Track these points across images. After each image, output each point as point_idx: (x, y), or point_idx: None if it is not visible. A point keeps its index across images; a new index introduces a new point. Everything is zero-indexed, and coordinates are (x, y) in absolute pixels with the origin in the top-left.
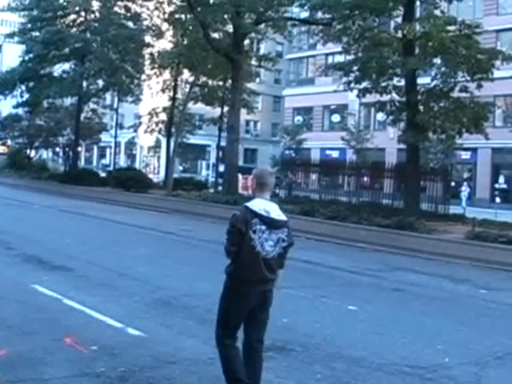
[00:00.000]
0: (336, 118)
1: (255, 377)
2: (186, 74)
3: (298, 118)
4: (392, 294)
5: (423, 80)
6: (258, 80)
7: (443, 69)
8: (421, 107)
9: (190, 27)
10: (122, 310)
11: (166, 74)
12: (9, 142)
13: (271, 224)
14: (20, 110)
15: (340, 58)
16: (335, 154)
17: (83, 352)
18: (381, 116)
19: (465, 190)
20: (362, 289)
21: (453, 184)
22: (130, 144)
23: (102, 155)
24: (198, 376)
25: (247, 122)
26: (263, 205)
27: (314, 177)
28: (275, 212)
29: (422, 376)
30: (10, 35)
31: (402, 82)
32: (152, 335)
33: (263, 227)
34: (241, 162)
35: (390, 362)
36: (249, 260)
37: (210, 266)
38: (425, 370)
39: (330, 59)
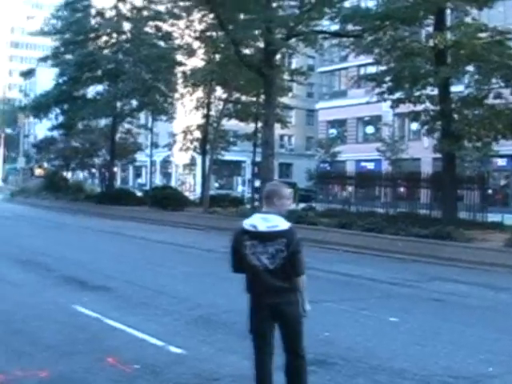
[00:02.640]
0: (370, 129)
1: None
2: (219, 91)
3: (332, 131)
4: (432, 305)
5: (457, 88)
6: (290, 94)
7: (476, 76)
8: (455, 116)
9: (222, 44)
10: (162, 328)
11: (199, 92)
12: (45, 164)
13: (262, 238)
14: (55, 133)
15: (372, 69)
16: (370, 166)
17: (125, 371)
18: (415, 126)
19: None
20: (402, 300)
21: (490, 192)
22: (165, 162)
23: (137, 175)
24: None
25: (281, 137)
26: (254, 220)
27: (350, 189)
28: (264, 225)
29: None
30: (44, 59)
31: (436, 91)
32: (193, 352)
33: (255, 242)
34: (276, 177)
35: (433, 373)
36: (251, 274)
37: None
38: (468, 381)
39: (361, 71)
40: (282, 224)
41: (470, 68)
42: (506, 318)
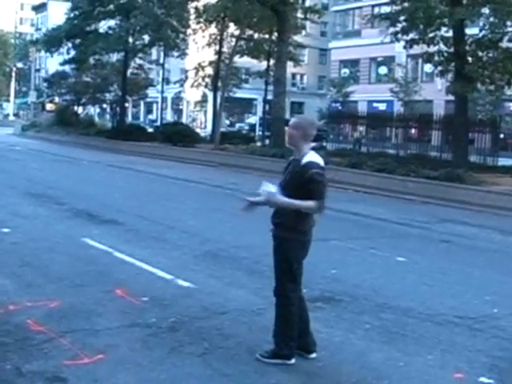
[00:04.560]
0: (383, 70)
1: (305, 326)
2: (232, 28)
3: (345, 71)
4: (440, 246)
5: (471, 31)
6: (303, 33)
7: (491, 19)
8: (469, 58)
9: None
10: (171, 262)
11: (212, 28)
12: (56, 99)
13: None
14: (67, 67)
15: (386, 9)
16: (382, 107)
17: (134, 303)
18: (428, 67)
19: None
20: (411, 240)
21: (501, 136)
22: (177, 99)
23: (148, 111)
24: (248, 326)
25: (293, 76)
26: (319, 158)
27: (361, 129)
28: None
29: (470, 326)
30: None
31: (450, 33)
32: (201, 286)
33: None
34: (287, 115)
35: (439, 312)
36: (319, 207)
37: (258, 218)
38: (473, 321)
39: (376, 10)
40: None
41: (486, 10)
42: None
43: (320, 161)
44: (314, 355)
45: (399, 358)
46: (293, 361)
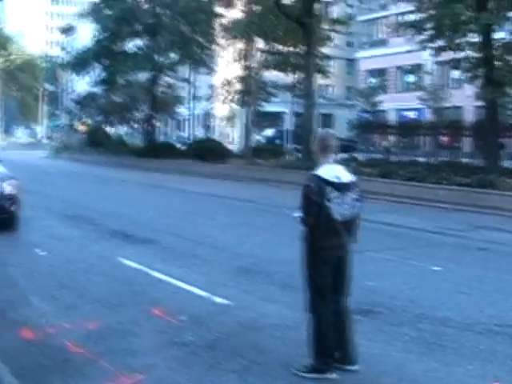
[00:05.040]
0: (411, 78)
1: (347, 339)
2: (259, 42)
3: (373, 81)
4: (476, 254)
5: (499, 35)
6: (331, 44)
7: None
8: (497, 63)
9: None
10: (206, 278)
11: (239, 43)
12: (87, 120)
13: (344, 188)
14: (96, 89)
15: (412, 17)
16: (411, 115)
17: (171, 322)
18: (456, 74)
19: None
20: (446, 249)
21: None
22: (206, 115)
23: (178, 128)
24: (283, 341)
25: (321, 87)
26: (332, 171)
27: (391, 138)
28: (344, 175)
29: (508, 334)
30: (84, 15)
31: (477, 38)
32: (236, 302)
33: (336, 193)
34: (317, 128)
35: (478, 321)
36: (327, 228)
37: (289, 232)
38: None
39: (401, 18)
40: (349, 173)
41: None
42: None
43: (328, 174)
44: (354, 367)
45: (438, 369)
46: (334, 375)
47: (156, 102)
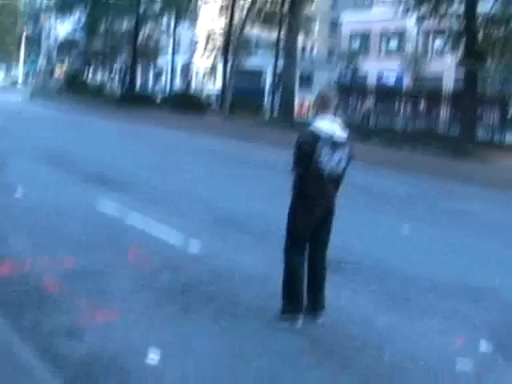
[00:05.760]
0: (393, 44)
1: (318, 289)
2: None
3: (355, 44)
4: (446, 218)
5: (483, 7)
6: (314, 5)
7: None
8: (480, 34)
9: None
10: (182, 227)
11: None
12: (65, 65)
13: (335, 144)
14: (77, 35)
15: None
16: (391, 81)
17: (146, 266)
18: (439, 43)
19: None
20: (417, 213)
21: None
22: (186, 68)
23: (157, 79)
24: (255, 291)
25: (303, 48)
26: (327, 126)
27: (370, 103)
28: (338, 132)
29: (469, 294)
30: None
31: (462, 9)
32: (212, 251)
33: (328, 148)
34: (297, 87)
35: (442, 282)
36: (315, 179)
37: (267, 187)
38: (475, 290)
39: None
40: (345, 130)
41: None
42: None
43: (323, 128)
44: (320, 320)
45: (403, 323)
46: (300, 320)
47: (137, 52)
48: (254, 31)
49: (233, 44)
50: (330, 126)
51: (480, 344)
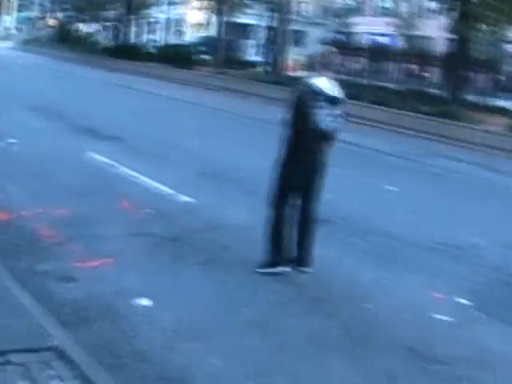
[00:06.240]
0: (388, 3)
1: (307, 242)
2: None
3: (348, 2)
4: (432, 179)
5: None
6: None
7: None
8: None
9: None
10: (173, 178)
11: None
12: (59, 14)
13: (333, 101)
14: None
15: None
16: (384, 41)
17: (139, 214)
18: (433, 4)
19: None
20: (403, 172)
21: (503, 78)
22: (180, 21)
23: (151, 32)
24: (245, 240)
25: (298, 4)
26: (325, 84)
27: (362, 61)
28: (336, 91)
29: (454, 254)
30: None
31: None
32: (203, 202)
33: (324, 104)
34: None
35: (425, 239)
36: (310, 133)
37: (257, 142)
38: (457, 249)
39: None
40: (340, 91)
41: None
42: (501, 197)
43: (322, 85)
44: (308, 269)
45: (385, 278)
46: (286, 269)
47: (131, 2)
48: None
49: None
50: (327, 84)
51: (458, 300)
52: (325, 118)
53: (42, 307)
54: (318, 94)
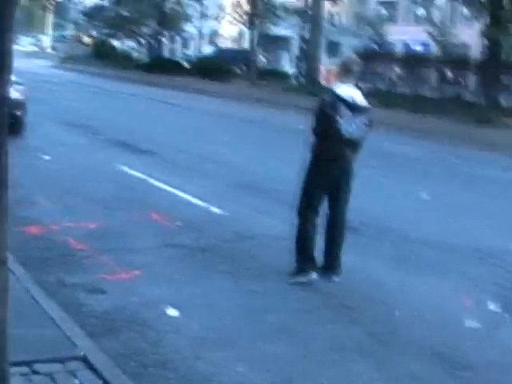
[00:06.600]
0: (422, 11)
1: (335, 250)
2: None
3: (383, 11)
4: (464, 184)
5: None
6: None
7: None
8: (504, 2)
9: None
10: (205, 190)
11: None
12: (93, 32)
13: (356, 109)
14: (104, 1)
15: None
16: (419, 48)
17: (168, 226)
18: (467, 10)
19: None
20: (438, 178)
21: None
22: (214, 35)
23: (185, 46)
24: (274, 250)
25: (331, 15)
26: (349, 91)
27: (397, 70)
28: (359, 98)
29: (481, 257)
30: None
31: None
32: (233, 214)
33: (348, 112)
34: (324, 55)
35: (453, 242)
36: (334, 141)
37: (291, 153)
38: (487, 254)
39: None
40: (364, 98)
41: None
42: None
43: (344, 93)
44: (336, 277)
45: (413, 284)
46: (314, 276)
47: (164, 18)
48: None
49: (259, 10)
50: (350, 91)
51: (487, 304)
52: (348, 125)
53: (69, 318)
54: (341, 102)
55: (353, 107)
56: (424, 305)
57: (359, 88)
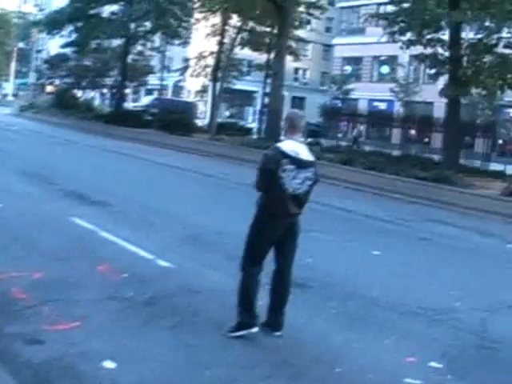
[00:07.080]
0: (385, 69)
1: (280, 306)
2: (235, 19)
3: (347, 68)
4: (418, 243)
5: (468, 35)
6: (308, 27)
7: (488, 23)
8: (464, 62)
9: None
10: (154, 243)
11: (215, 18)
12: (56, 81)
13: (300, 164)
14: (68, 50)
15: (389, 9)
16: (382, 106)
17: (114, 278)
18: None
19: None
20: (390, 236)
21: (500, 141)
22: (177, 87)
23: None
24: (219, 304)
25: (296, 70)
26: (294, 146)
27: (360, 127)
28: (304, 153)
29: (430, 317)
30: None
31: (447, 36)
32: (180, 267)
33: (292, 167)
34: (286, 109)
35: (403, 303)
36: (277, 196)
37: (244, 207)
38: (434, 312)
39: (381, 9)
40: (311, 153)
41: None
42: (487, 261)
43: (288, 148)
44: (278, 333)
45: (357, 341)
46: (255, 329)
47: (127, 69)
48: (246, 52)
49: (223, 64)
50: (295, 146)
51: (430, 364)
52: (292, 181)
53: (3, 368)
54: (284, 156)
55: (297, 162)
56: (368, 364)
57: (306, 142)
